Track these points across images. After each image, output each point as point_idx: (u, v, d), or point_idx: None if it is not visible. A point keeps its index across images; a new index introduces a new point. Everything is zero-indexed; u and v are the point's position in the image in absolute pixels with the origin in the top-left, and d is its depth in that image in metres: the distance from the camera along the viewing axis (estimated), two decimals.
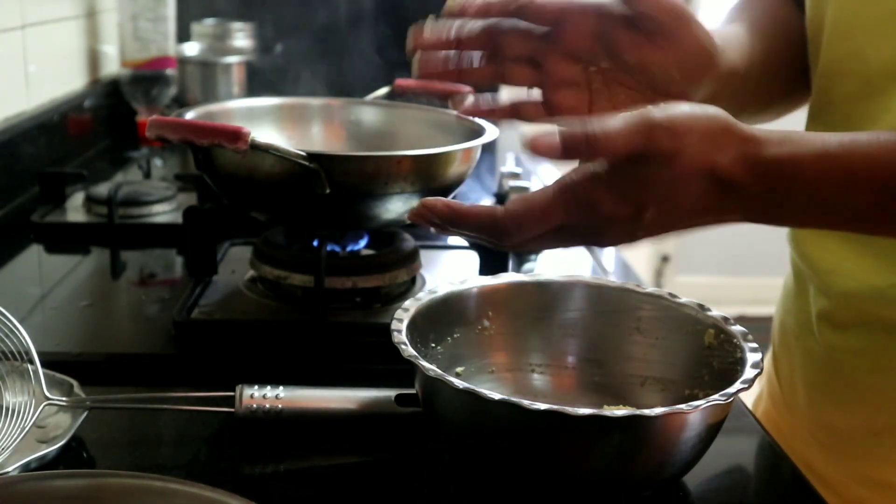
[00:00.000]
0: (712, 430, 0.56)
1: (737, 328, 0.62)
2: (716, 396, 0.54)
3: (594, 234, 0.56)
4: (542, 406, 0.52)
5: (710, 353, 0.63)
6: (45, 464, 0.57)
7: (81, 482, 0.46)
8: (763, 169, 0.54)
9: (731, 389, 0.55)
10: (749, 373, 0.57)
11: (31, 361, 0.62)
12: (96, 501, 0.45)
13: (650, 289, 0.68)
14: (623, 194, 0.54)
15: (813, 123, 0.76)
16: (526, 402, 0.52)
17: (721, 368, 0.61)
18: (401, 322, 0.62)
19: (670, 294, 0.67)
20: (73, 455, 0.60)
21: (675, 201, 0.54)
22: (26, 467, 0.56)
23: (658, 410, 0.52)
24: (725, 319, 0.63)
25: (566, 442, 0.54)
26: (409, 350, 0.58)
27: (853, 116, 0.71)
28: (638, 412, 0.52)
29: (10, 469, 0.55)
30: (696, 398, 0.58)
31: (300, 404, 0.64)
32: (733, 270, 3.15)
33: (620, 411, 0.52)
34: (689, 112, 0.54)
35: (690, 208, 0.54)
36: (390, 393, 0.65)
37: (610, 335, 0.68)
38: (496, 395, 0.53)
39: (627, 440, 0.53)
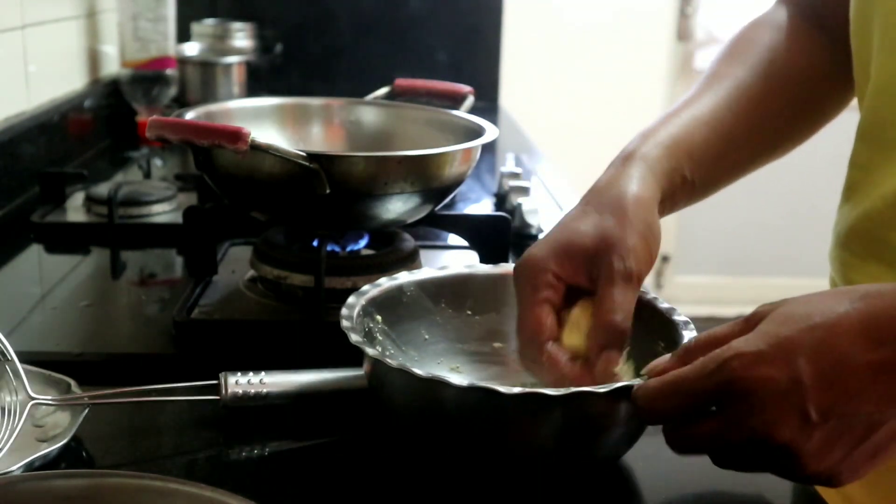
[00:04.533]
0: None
1: None
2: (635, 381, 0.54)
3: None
4: (465, 382, 0.55)
5: None
6: (46, 463, 0.57)
7: (81, 482, 0.46)
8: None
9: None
10: None
11: (10, 360, 0.61)
12: (96, 501, 0.45)
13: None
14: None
15: (862, 145, 0.72)
16: (454, 379, 0.55)
17: None
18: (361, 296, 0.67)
19: (655, 298, 0.67)
20: (73, 454, 0.60)
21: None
22: (28, 467, 0.56)
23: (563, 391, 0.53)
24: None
25: (493, 415, 0.56)
26: (355, 336, 0.61)
27: None
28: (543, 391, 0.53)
29: (11, 469, 0.55)
30: None
31: (285, 388, 0.65)
32: (733, 270, 3.14)
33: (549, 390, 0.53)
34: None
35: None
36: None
37: None
38: (424, 374, 0.55)
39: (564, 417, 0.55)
